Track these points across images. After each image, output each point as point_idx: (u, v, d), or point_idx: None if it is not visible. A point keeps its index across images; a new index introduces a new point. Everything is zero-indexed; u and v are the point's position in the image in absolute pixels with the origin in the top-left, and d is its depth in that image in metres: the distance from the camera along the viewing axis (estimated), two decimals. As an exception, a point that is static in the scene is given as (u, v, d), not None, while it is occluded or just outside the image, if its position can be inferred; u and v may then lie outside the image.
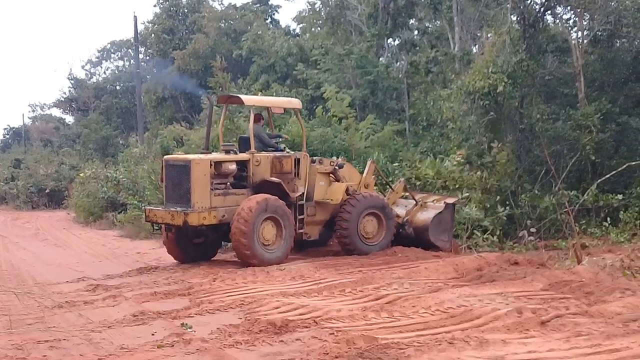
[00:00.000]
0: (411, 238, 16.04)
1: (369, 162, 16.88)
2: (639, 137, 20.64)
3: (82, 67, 70.10)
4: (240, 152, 15.09)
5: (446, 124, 22.24)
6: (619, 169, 19.50)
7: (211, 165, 14.26)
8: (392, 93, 28.62)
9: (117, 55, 60.53)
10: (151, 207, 15.33)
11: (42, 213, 35.38)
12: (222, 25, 42.66)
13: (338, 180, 15.80)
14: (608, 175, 19.61)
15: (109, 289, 11.98)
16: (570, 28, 24.58)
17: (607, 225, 18.31)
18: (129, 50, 54.82)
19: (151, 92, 43.28)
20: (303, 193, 15.19)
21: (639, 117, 22.12)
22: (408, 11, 30.71)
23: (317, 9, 39.56)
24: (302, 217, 15.11)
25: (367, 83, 27.87)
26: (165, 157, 15.51)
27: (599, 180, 19.71)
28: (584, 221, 18.90)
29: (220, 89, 20.96)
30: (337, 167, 15.78)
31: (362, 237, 15.38)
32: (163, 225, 14.82)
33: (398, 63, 31.44)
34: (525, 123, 21.98)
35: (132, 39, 45.37)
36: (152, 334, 8.57)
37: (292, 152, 15.62)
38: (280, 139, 16.13)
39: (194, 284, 12.04)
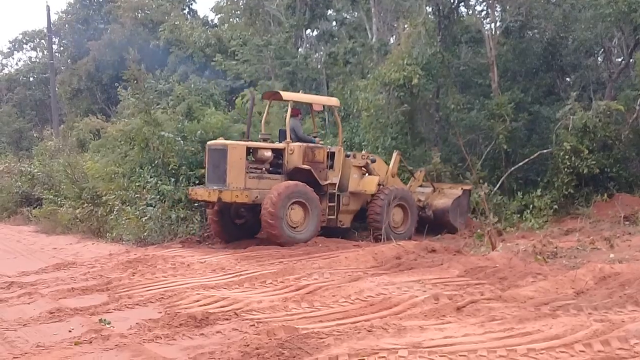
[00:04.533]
0: (430, 220, 17.63)
1: (394, 154, 18.21)
2: (550, 126, 21.16)
3: (-7, 58, 67.78)
4: (279, 142, 16.45)
5: (362, 115, 22.44)
6: (531, 157, 20.15)
7: (248, 150, 15.65)
8: (311, 84, 28.66)
9: (29, 46, 58.70)
10: (193, 187, 16.68)
11: (-48, 209, 34.16)
12: (139, 15, 41.86)
13: (370, 173, 17.07)
14: (521, 163, 20.25)
15: (24, 286, 11.71)
16: (483, 19, 25.10)
17: (526, 213, 18.81)
18: (42, 40, 53.26)
19: (66, 83, 42.22)
20: (336, 183, 16.43)
21: (550, 106, 22.70)
22: (326, 2, 30.69)
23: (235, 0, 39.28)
24: (332, 204, 16.34)
25: (286, 74, 27.88)
26: (208, 142, 16.51)
27: (512, 169, 20.27)
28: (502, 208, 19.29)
29: (135, 81, 20.60)
30: (369, 161, 17.08)
31: (392, 226, 16.64)
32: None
33: (317, 54, 31.44)
34: (441, 113, 22.39)
35: (45, 30, 44.12)
36: (69, 331, 8.41)
37: (326, 145, 16.97)
38: (316, 135, 17.47)
39: (112, 279, 11.88)
